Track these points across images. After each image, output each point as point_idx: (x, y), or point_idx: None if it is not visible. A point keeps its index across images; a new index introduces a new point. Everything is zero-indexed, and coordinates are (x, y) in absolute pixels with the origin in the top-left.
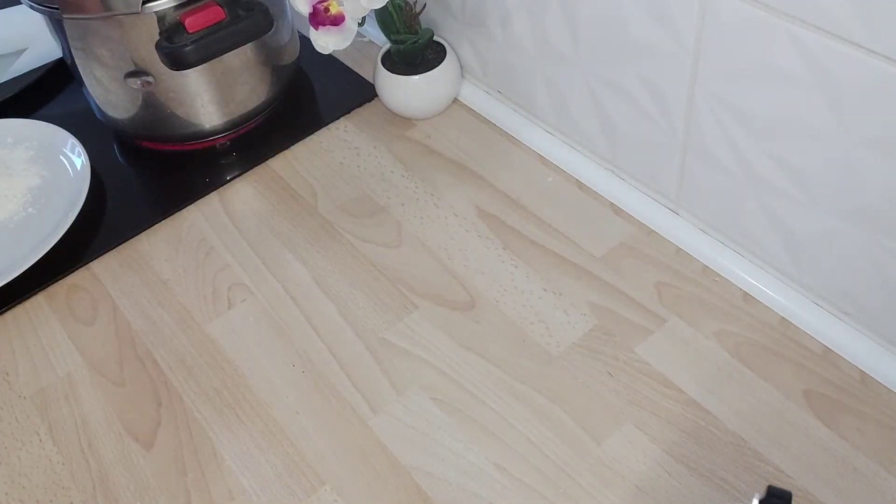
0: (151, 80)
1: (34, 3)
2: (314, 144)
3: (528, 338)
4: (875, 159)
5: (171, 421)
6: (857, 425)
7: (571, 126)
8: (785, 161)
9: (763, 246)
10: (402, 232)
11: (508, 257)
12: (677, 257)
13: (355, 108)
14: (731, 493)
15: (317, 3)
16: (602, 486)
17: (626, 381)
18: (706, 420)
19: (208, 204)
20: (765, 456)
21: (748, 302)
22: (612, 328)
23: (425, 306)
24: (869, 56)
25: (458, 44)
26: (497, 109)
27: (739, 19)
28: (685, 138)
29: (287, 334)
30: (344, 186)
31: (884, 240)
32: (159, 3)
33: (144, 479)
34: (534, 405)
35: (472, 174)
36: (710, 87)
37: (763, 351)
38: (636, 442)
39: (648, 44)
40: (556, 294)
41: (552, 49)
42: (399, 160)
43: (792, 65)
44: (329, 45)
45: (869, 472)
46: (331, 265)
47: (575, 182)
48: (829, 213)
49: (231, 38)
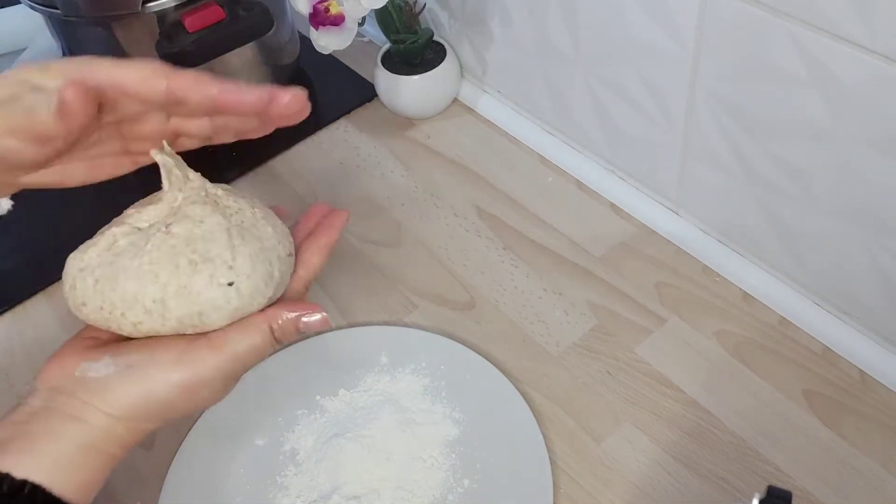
0: None
1: (34, 3)
2: (314, 144)
3: (528, 338)
4: (875, 159)
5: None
6: (857, 425)
7: (571, 126)
8: (785, 161)
9: (763, 246)
10: (402, 232)
11: (508, 257)
12: (677, 257)
13: (355, 108)
14: (731, 493)
15: (317, 3)
16: (602, 486)
17: (626, 381)
18: (706, 420)
19: None
20: (765, 456)
21: (748, 302)
22: (612, 328)
23: (425, 306)
24: (869, 56)
25: (458, 44)
26: (497, 109)
27: (739, 19)
28: (685, 138)
29: None
30: (344, 186)
31: (884, 240)
32: (159, 3)
33: (144, 479)
34: (534, 405)
35: (472, 174)
36: (710, 87)
37: (763, 351)
38: (636, 442)
39: (649, 44)
40: (556, 294)
41: (552, 49)
42: (399, 160)
43: (792, 65)
44: (329, 45)
45: (869, 472)
46: (331, 265)
47: (575, 182)
48: (829, 213)
49: (231, 38)
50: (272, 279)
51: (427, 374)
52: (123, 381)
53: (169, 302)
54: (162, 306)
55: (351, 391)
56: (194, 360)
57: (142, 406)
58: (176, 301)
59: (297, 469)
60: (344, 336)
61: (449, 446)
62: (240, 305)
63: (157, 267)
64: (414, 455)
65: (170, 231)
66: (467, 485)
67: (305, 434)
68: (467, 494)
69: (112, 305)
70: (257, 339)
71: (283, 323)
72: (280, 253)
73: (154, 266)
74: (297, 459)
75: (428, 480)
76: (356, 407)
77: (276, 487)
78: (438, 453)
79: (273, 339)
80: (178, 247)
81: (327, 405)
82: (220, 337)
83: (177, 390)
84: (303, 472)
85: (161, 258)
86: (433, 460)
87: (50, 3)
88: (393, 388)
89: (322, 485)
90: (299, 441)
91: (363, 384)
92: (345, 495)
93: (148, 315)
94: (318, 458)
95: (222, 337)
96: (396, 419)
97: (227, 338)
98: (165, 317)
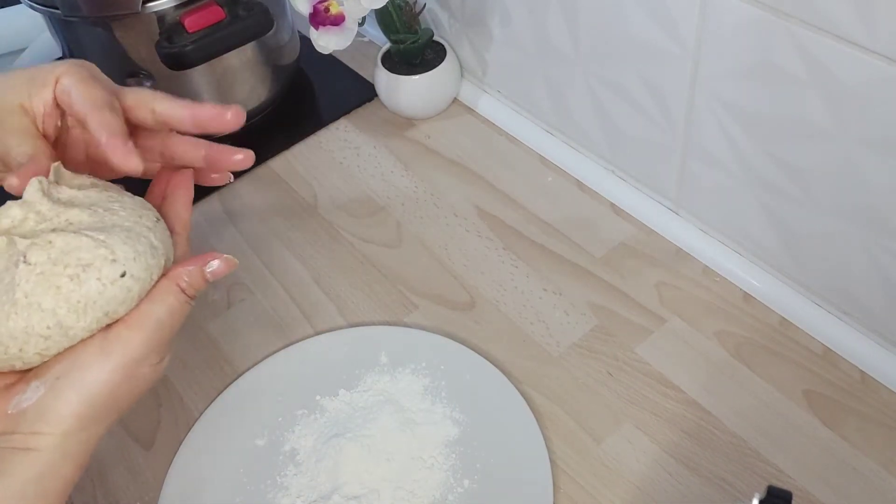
0: (151, 80)
1: (34, 3)
2: (314, 144)
3: (528, 338)
4: (875, 159)
5: (171, 421)
6: (857, 425)
7: (571, 126)
8: (785, 161)
9: (763, 246)
10: (402, 232)
11: (508, 257)
12: (677, 257)
13: (355, 108)
14: (731, 493)
15: (317, 3)
16: (602, 486)
17: (626, 381)
18: (706, 420)
19: (208, 204)
20: (765, 456)
21: (748, 302)
22: (612, 328)
23: (425, 306)
24: (869, 56)
25: (458, 44)
26: (497, 109)
27: (740, 19)
28: (685, 138)
29: (287, 334)
30: (344, 186)
31: (884, 240)
32: (159, 3)
33: (144, 479)
34: (534, 405)
35: (472, 174)
36: (710, 87)
37: (763, 351)
38: (636, 442)
39: (649, 44)
40: (556, 294)
41: (552, 49)
42: (399, 160)
43: (792, 65)
44: (329, 45)
45: (869, 472)
46: (331, 265)
47: (575, 182)
48: (829, 213)
49: (231, 38)
50: (156, 249)
51: (427, 374)
52: (58, 396)
53: (65, 320)
54: (59, 328)
55: (351, 391)
56: (118, 344)
57: (85, 412)
58: (73, 316)
59: (297, 469)
60: (344, 336)
61: (449, 446)
62: (141, 288)
63: (37, 297)
64: (414, 455)
65: (28, 261)
66: (467, 485)
67: (305, 434)
68: (467, 494)
69: (5, 346)
70: (171, 300)
71: (190, 278)
72: (146, 223)
73: (33, 297)
74: (297, 459)
75: (428, 480)
76: (356, 407)
77: (276, 487)
78: (438, 453)
79: (186, 297)
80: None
81: (327, 405)
82: (134, 314)
83: (115, 380)
84: (303, 472)
85: (35, 288)
86: (433, 460)
87: (50, 3)
88: (393, 388)
89: (322, 485)
90: (299, 441)
91: (363, 384)
92: (345, 495)
93: (49, 340)
94: (318, 459)
95: (137, 313)
96: (396, 419)
97: (142, 311)
98: (69, 334)
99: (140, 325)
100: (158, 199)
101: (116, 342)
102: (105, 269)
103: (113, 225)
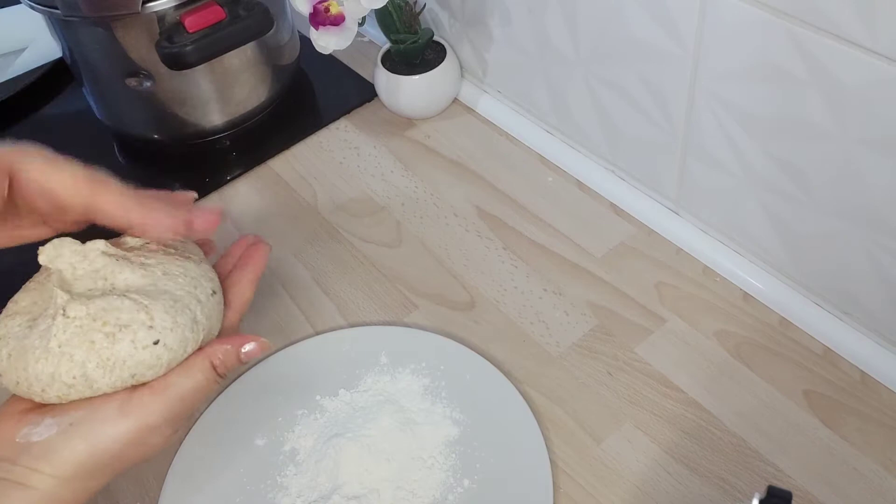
0: (151, 81)
1: (34, 3)
2: (314, 144)
3: (528, 338)
4: (875, 159)
5: None
6: (857, 425)
7: (571, 126)
8: (785, 161)
9: (763, 246)
10: (402, 232)
11: (508, 257)
12: (677, 257)
13: (355, 108)
14: (731, 493)
15: (317, 3)
16: (602, 486)
17: (626, 381)
18: (706, 420)
19: (208, 204)
20: (765, 456)
21: (748, 302)
22: (612, 328)
23: (425, 306)
24: (869, 56)
25: (458, 44)
26: (497, 109)
27: (740, 19)
28: (685, 138)
29: (287, 334)
30: (344, 186)
31: (884, 240)
32: (159, 3)
33: (144, 479)
34: (534, 405)
35: (472, 174)
36: (710, 87)
37: (763, 351)
38: (636, 442)
39: (649, 44)
40: (556, 294)
41: (552, 49)
42: (399, 160)
43: (792, 65)
44: (329, 45)
45: (869, 472)
46: (331, 265)
47: (575, 182)
48: (829, 213)
49: (231, 38)
50: (197, 324)
51: (427, 374)
52: (67, 441)
53: (92, 374)
54: (84, 379)
55: (351, 391)
56: (138, 408)
57: (89, 463)
58: (101, 371)
59: (297, 469)
60: (344, 336)
61: (449, 446)
62: (171, 358)
63: (70, 348)
64: (414, 455)
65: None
66: (467, 485)
67: (305, 434)
68: (467, 494)
69: (28, 383)
70: (200, 377)
71: (224, 357)
72: (199, 296)
73: (67, 347)
74: (297, 459)
75: (428, 480)
76: (356, 407)
77: (276, 487)
78: (438, 453)
79: (216, 374)
80: (86, 326)
81: (327, 405)
82: (161, 382)
83: (124, 441)
84: (303, 472)
85: (71, 339)
86: (433, 460)
87: (50, 3)
88: (393, 388)
89: (322, 485)
90: (299, 441)
91: (363, 384)
92: (345, 495)
93: (71, 388)
94: (318, 458)
95: (163, 382)
96: (396, 419)
97: (169, 381)
98: (93, 387)
99: (164, 394)
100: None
101: (137, 405)
102: (140, 333)
103: (164, 291)
